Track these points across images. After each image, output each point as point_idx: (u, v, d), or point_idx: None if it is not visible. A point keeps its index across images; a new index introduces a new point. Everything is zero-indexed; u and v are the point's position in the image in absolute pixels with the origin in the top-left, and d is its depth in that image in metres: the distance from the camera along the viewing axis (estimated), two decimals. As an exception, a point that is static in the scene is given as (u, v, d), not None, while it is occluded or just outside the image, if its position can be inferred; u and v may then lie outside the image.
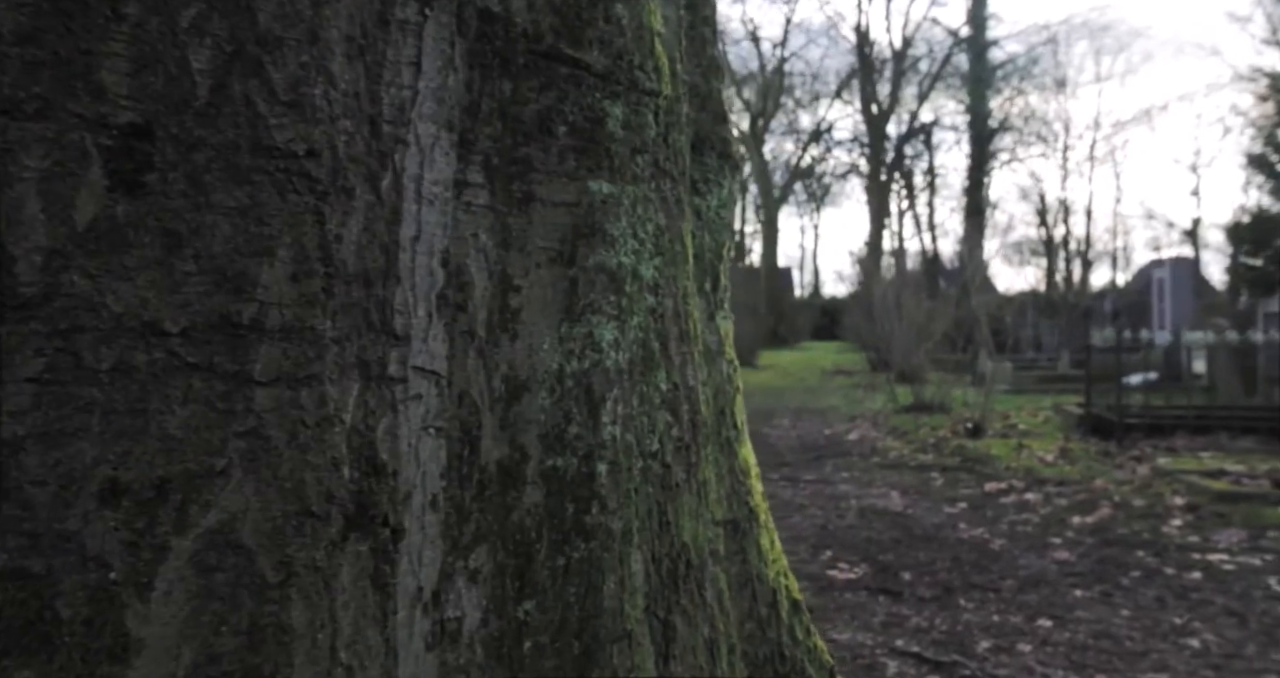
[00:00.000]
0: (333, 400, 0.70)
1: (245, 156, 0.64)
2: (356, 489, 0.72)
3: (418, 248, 0.82)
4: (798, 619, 1.33)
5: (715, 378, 1.31)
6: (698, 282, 1.33)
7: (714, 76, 1.38)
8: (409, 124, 0.79)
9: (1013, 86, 30.56)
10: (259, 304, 0.65)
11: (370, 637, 0.72)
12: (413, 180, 0.80)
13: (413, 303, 0.81)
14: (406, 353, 0.80)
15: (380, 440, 0.76)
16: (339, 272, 0.70)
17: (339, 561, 0.69)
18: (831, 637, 2.95)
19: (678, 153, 1.27)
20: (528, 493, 1.01)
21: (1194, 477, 4.92)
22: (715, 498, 1.27)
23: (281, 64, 0.65)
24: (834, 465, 6.70)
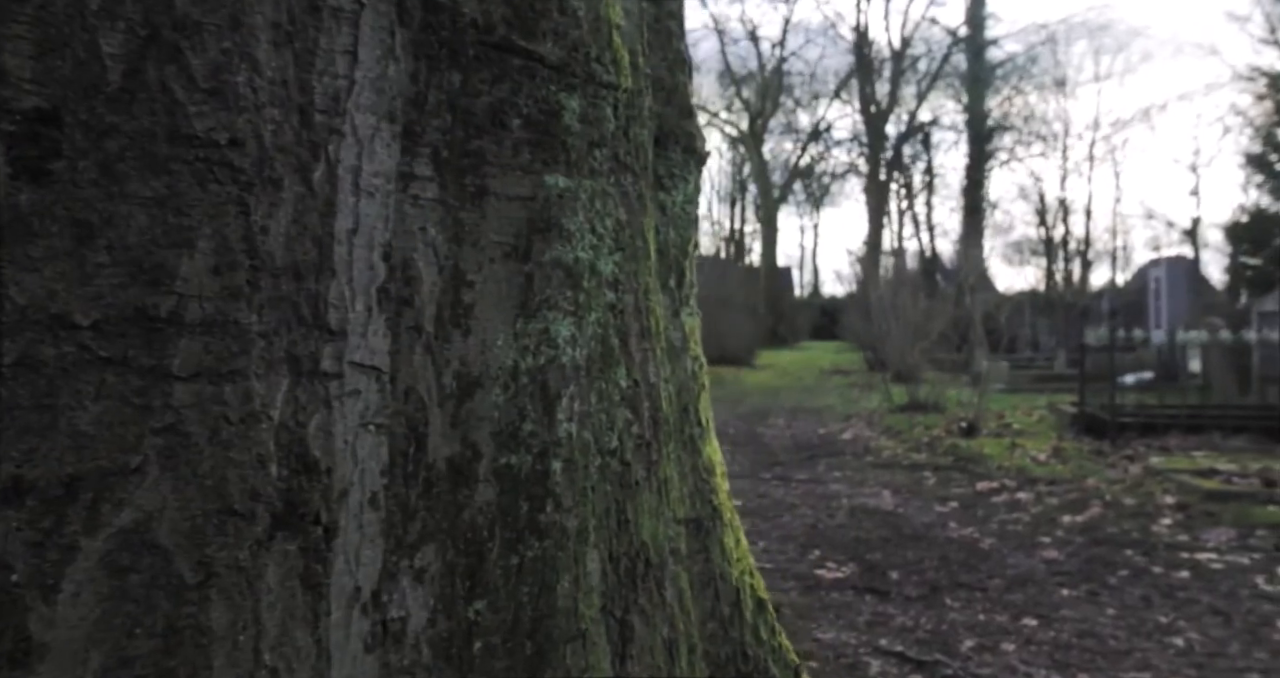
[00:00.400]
0: (259, 396, 0.68)
1: (162, 145, 0.62)
2: (285, 487, 0.71)
3: (355, 241, 0.80)
4: (762, 619, 1.32)
5: (679, 375, 1.30)
6: (661, 278, 1.31)
7: (679, 70, 1.37)
8: (345, 114, 0.77)
9: (1011, 86, 30.54)
10: (178, 297, 0.64)
11: (299, 638, 0.71)
12: (349, 172, 0.79)
13: (350, 297, 0.79)
14: (343, 348, 0.78)
15: (312, 437, 0.74)
16: (266, 264, 0.69)
17: (264, 560, 0.68)
18: (816, 636, 2.93)
19: (639, 147, 1.25)
20: (480, 491, 0.99)
21: (1185, 476, 4.91)
22: (677, 496, 1.25)
23: (201, 50, 0.64)
24: (827, 465, 6.69)
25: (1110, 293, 20.82)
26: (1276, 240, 21.18)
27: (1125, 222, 40.09)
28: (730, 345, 21.16)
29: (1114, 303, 16.89)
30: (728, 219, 40.22)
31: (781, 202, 36.16)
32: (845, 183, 37.20)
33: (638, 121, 1.24)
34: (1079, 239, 31.67)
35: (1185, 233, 31.29)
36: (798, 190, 39.02)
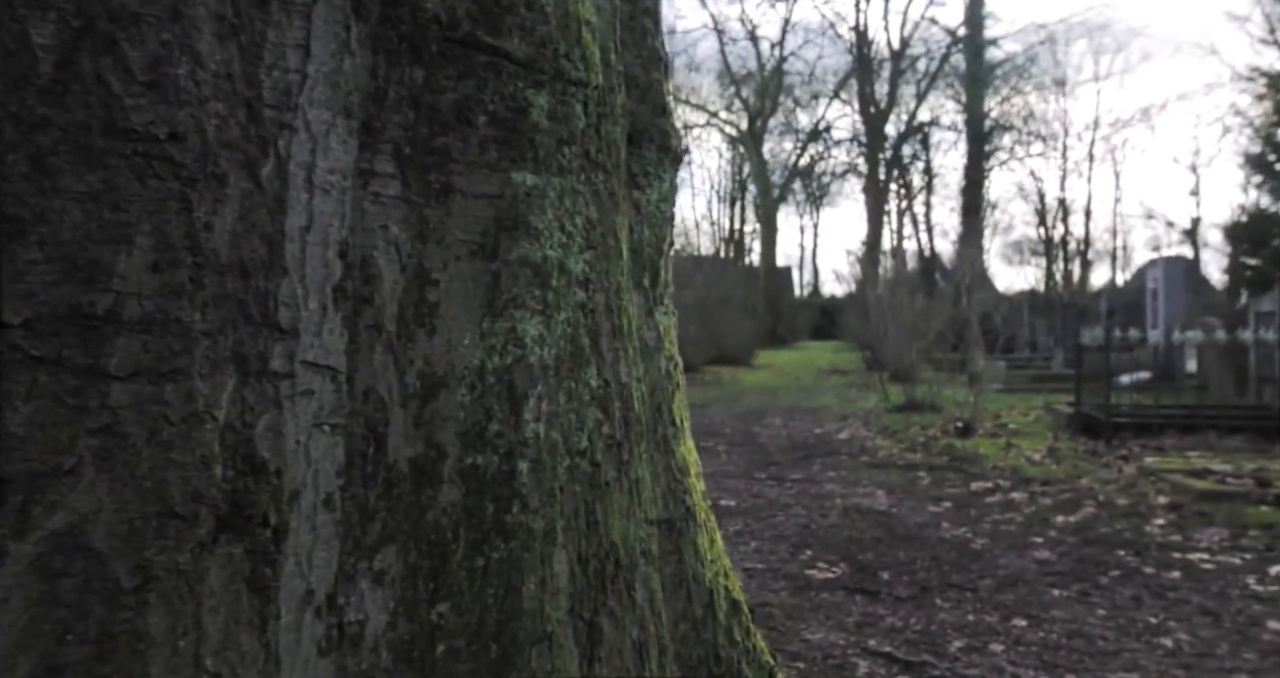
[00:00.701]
0: (202, 396, 0.67)
1: (98, 138, 0.61)
2: (231, 488, 0.69)
3: (309, 238, 0.79)
4: (736, 620, 1.30)
5: (652, 375, 1.28)
6: (635, 276, 1.30)
7: (654, 68, 1.36)
8: (296, 109, 0.76)
9: (1011, 86, 30.52)
10: (116, 294, 0.62)
11: (245, 643, 0.70)
12: (302, 168, 0.77)
13: (302, 295, 0.78)
14: (295, 347, 0.77)
15: (261, 438, 0.73)
16: (210, 261, 0.67)
17: (207, 563, 0.67)
18: (805, 637, 2.92)
19: (611, 145, 1.24)
20: (444, 492, 0.98)
21: (1178, 476, 4.90)
22: (649, 497, 1.24)
23: (139, 41, 0.62)
24: (822, 465, 6.67)
25: (1108, 293, 20.81)
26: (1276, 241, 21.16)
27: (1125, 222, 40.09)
28: (729, 345, 21.14)
29: (1112, 303, 16.87)
30: (727, 219, 40.21)
31: (781, 201, 36.13)
32: (845, 183, 37.19)
33: (609, 119, 1.23)
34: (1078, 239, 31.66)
35: (1185, 233, 31.27)
36: (797, 190, 39.00)
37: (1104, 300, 17.29)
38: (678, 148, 1.38)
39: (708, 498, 1.40)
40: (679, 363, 1.39)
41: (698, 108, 36.16)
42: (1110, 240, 33.05)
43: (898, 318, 12.00)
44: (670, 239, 1.39)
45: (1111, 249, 33.34)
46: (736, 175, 38.13)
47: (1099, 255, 33.67)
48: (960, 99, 30.98)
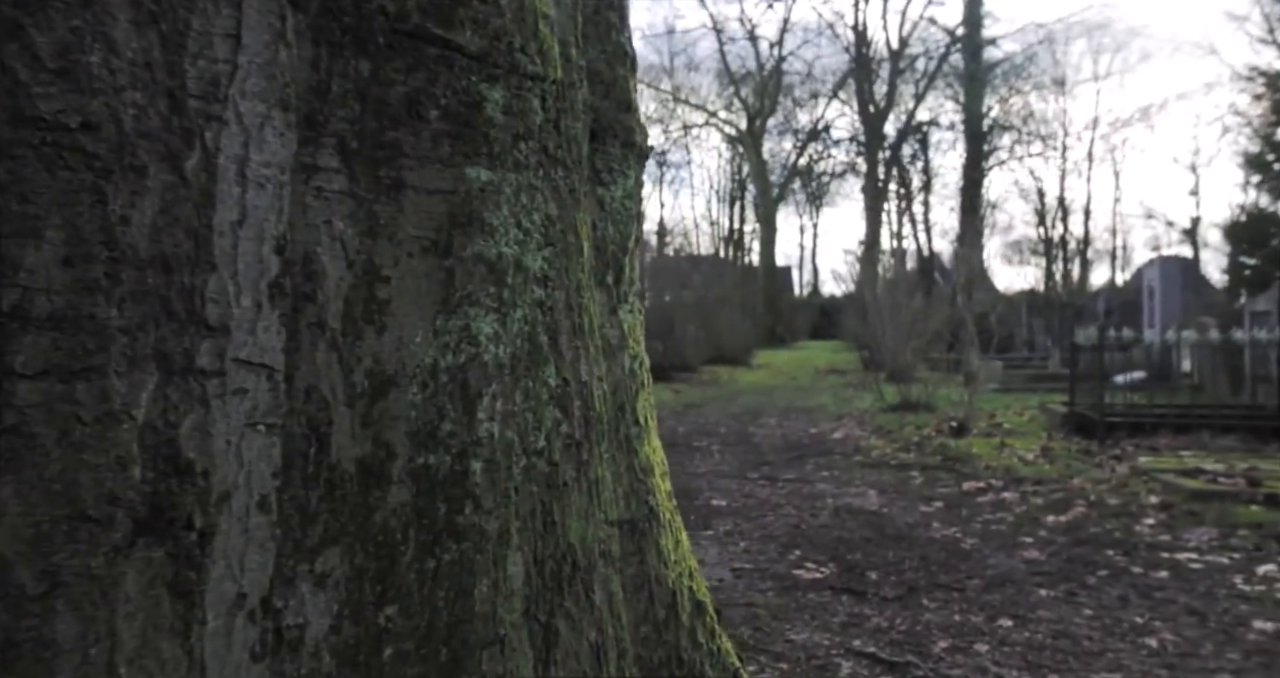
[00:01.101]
0: (119, 395, 0.65)
1: (4, 128, 0.59)
2: (151, 490, 0.67)
3: (241, 233, 0.77)
4: (700, 621, 1.28)
5: (615, 373, 1.26)
6: (599, 274, 1.28)
7: (619, 63, 1.34)
8: (226, 101, 0.74)
9: (1009, 86, 30.49)
10: (23, 290, 0.61)
11: (165, 649, 0.68)
12: (233, 161, 0.75)
13: (234, 292, 0.76)
14: (225, 345, 0.75)
15: (185, 438, 0.71)
16: (127, 256, 0.65)
17: (122, 568, 0.65)
18: (789, 637, 2.90)
19: (571, 140, 1.22)
20: (393, 492, 0.96)
21: (1170, 475, 4.88)
22: (610, 497, 1.22)
23: (47, 27, 0.60)
24: (815, 464, 6.66)
25: (1106, 293, 20.80)
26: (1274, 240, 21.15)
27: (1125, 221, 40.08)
28: (727, 345, 21.12)
29: (1110, 303, 16.86)
30: (727, 219, 40.18)
31: (780, 201, 36.09)
32: (844, 183, 37.17)
33: (569, 114, 1.21)
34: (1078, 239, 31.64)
35: (1185, 232, 31.25)
36: (797, 190, 38.98)
37: (1102, 300, 17.27)
38: (643, 144, 1.36)
39: (673, 498, 1.39)
40: (645, 362, 1.37)
41: (697, 108, 36.16)
42: (1110, 240, 33.05)
43: (894, 318, 11.99)
44: (637, 236, 1.37)
45: (1111, 249, 33.34)
46: (736, 175, 38.12)
47: (1099, 255, 33.67)
48: (959, 99, 30.95)
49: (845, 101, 33.22)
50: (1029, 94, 30.91)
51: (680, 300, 21.09)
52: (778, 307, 33.90)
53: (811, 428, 8.90)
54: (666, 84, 35.30)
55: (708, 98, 35.80)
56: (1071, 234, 31.62)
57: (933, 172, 34.32)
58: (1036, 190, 32.04)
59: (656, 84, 35.57)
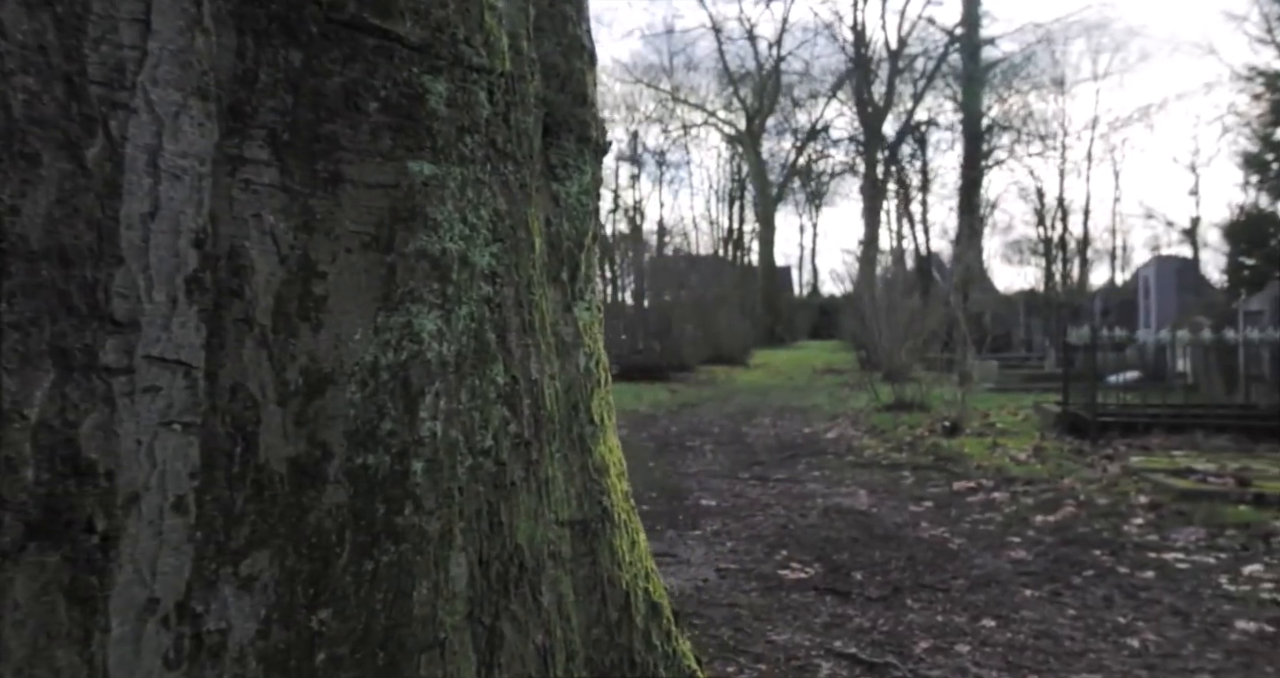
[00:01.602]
0: (9, 393, 0.64)
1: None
2: (46, 493, 0.66)
3: (154, 226, 0.75)
4: (655, 623, 1.27)
5: (569, 372, 1.25)
6: (552, 271, 1.27)
7: (576, 56, 1.32)
8: (134, 88, 0.73)
9: (1008, 85, 30.46)
10: (-97, 283, 0.59)
11: (60, 658, 0.66)
12: (144, 151, 0.74)
13: (144, 286, 0.74)
14: (134, 341, 0.74)
15: (86, 437, 0.69)
16: (17, 248, 0.64)
17: (10, 574, 0.63)
18: (770, 638, 2.89)
19: (522, 134, 1.21)
20: (329, 493, 0.95)
21: (1160, 475, 4.87)
22: (561, 497, 1.21)
23: (-74, 11, 0.59)
24: (807, 464, 6.64)
25: (1103, 293, 20.77)
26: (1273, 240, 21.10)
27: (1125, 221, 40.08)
28: (724, 345, 21.10)
29: (1107, 302, 16.83)
30: (726, 218, 40.16)
31: (779, 201, 36.06)
32: (844, 182, 37.14)
33: (520, 107, 1.20)
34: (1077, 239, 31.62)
35: (1185, 232, 31.22)
36: (797, 190, 38.96)
37: (1099, 300, 17.25)
38: (599, 139, 1.35)
39: (631, 498, 1.37)
40: (602, 360, 1.36)
41: (696, 107, 36.14)
42: (1110, 240, 33.03)
43: (890, 318, 11.98)
44: (594, 233, 1.36)
45: (1111, 249, 33.32)
46: (736, 175, 38.10)
47: (1099, 255, 33.65)
48: (957, 98, 30.93)
49: (844, 101, 33.22)
50: (1028, 94, 30.89)
51: (678, 300, 21.10)
52: (776, 306, 33.88)
53: (805, 428, 8.89)
54: (666, 84, 35.33)
55: (706, 97, 35.80)
56: (1071, 234, 31.61)
57: (931, 172, 34.29)
58: (1036, 190, 32.02)
59: (656, 84, 35.59)
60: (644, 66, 36.27)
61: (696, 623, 3.04)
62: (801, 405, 11.20)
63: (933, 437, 7.38)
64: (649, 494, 5.52)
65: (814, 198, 40.46)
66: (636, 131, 37.65)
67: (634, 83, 36.02)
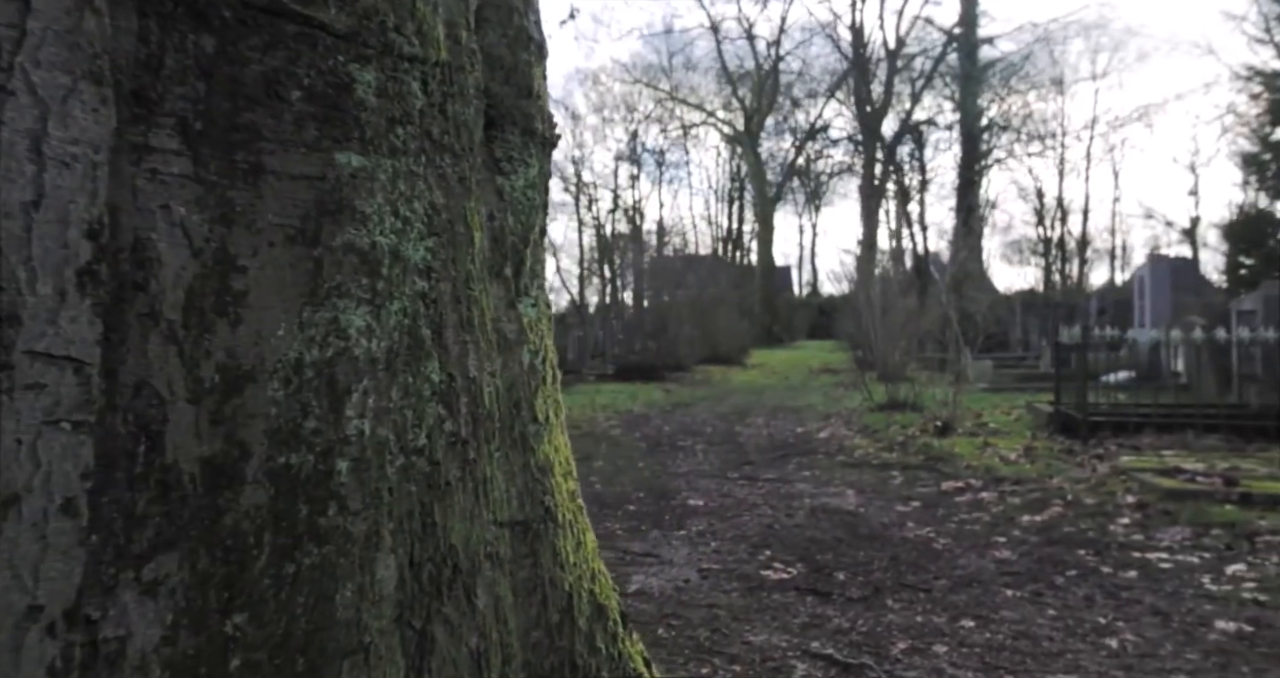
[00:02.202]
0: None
1: None
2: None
3: (38, 215, 0.73)
4: (600, 626, 1.24)
5: (512, 369, 1.23)
6: (495, 266, 1.24)
7: (522, 48, 1.30)
8: (12, 70, 0.70)
9: (1006, 85, 30.44)
10: None
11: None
12: (25, 136, 0.72)
13: (26, 278, 0.72)
14: (14, 336, 0.71)
15: (-41, 435, 0.67)
16: (-121, 237, 0.62)
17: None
18: (747, 639, 2.87)
19: (461, 126, 1.18)
20: (246, 494, 0.92)
21: (1148, 475, 4.84)
22: (501, 497, 1.18)
23: None
24: (797, 464, 6.62)
25: (1100, 292, 20.75)
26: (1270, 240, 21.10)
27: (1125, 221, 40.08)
28: (721, 345, 21.08)
29: (1104, 302, 16.82)
30: (726, 218, 40.12)
31: (778, 201, 36.03)
32: (843, 182, 37.12)
33: (458, 99, 1.17)
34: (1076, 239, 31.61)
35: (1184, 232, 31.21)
36: (796, 189, 38.95)
37: (1095, 299, 17.23)
38: (546, 132, 1.33)
39: (578, 498, 1.35)
40: (549, 357, 1.33)
41: (695, 107, 36.10)
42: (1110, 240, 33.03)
43: (885, 318, 11.95)
44: (541, 227, 1.33)
45: (1111, 249, 33.32)
46: (736, 175, 38.07)
47: (1099, 255, 33.64)
48: (954, 98, 30.91)
49: (842, 101, 33.19)
50: (1027, 94, 30.88)
51: (675, 300, 21.07)
52: (775, 306, 33.85)
53: (798, 428, 8.86)
54: (665, 84, 35.30)
55: (705, 97, 35.77)
56: (1070, 234, 31.61)
57: (931, 171, 34.30)
58: (1035, 190, 32.03)
59: (655, 84, 35.54)
60: (643, 66, 36.26)
61: (674, 624, 3.02)
62: (795, 405, 11.17)
63: (924, 437, 7.35)
64: (636, 494, 5.50)
65: (813, 198, 40.47)
66: (636, 131, 37.66)
67: (633, 83, 36.03)
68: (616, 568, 3.78)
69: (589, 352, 18.55)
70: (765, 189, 34.24)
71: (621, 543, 4.22)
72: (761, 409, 10.80)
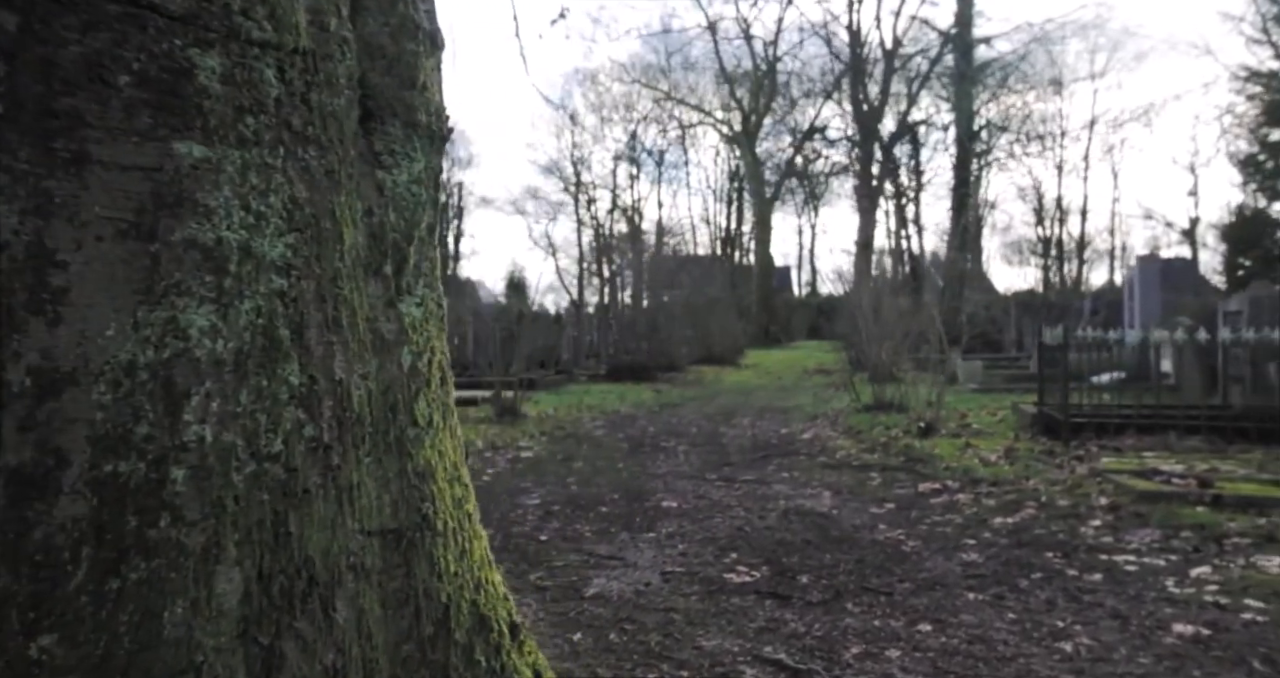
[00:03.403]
0: None
1: None
2: None
3: None
4: (481, 638, 1.20)
5: (389, 371, 1.18)
6: (372, 263, 1.20)
7: (407, 38, 1.26)
8: None
9: (1005, 86, 30.38)
10: None
11: None
12: None
13: None
14: None
15: None
16: None
17: None
18: (699, 643, 2.82)
19: (329, 117, 1.14)
20: (63, 505, 0.88)
21: (1124, 477, 4.80)
22: (371, 505, 1.14)
23: None
24: (777, 465, 6.57)
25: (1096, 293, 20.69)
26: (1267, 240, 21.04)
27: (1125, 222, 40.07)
28: (716, 345, 21.03)
29: (1097, 303, 16.76)
30: (724, 218, 40.09)
31: (776, 201, 35.97)
32: (842, 183, 37.07)
33: (325, 88, 1.13)
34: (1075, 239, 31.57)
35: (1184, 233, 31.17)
36: (796, 190, 38.92)
37: (1089, 300, 17.18)
38: (433, 125, 1.28)
39: (466, 504, 1.30)
40: (439, 358, 1.29)
41: (693, 107, 36.05)
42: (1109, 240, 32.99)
43: (876, 317, 11.90)
44: (430, 224, 1.29)
45: (1110, 249, 33.28)
46: (735, 175, 38.02)
47: (1099, 255, 33.61)
48: (950, 98, 30.85)
49: (840, 102, 33.13)
50: (1026, 94, 30.82)
51: (672, 300, 21.03)
52: (773, 306, 33.78)
53: (783, 428, 8.82)
54: (664, 84, 35.26)
55: (704, 98, 35.73)
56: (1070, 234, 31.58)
57: (931, 171, 34.27)
58: (1034, 191, 31.98)
59: (654, 84, 35.49)
60: (642, 66, 36.23)
61: (627, 629, 2.98)
62: (784, 406, 11.13)
63: (907, 438, 7.31)
64: (611, 496, 5.46)
65: (811, 198, 40.44)
66: (635, 131, 37.62)
67: (630, 83, 35.97)
68: (579, 571, 3.74)
69: (584, 352, 18.52)
70: (763, 189, 34.19)
71: (588, 546, 4.17)
72: (749, 410, 10.75)
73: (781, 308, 35.35)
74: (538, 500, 5.32)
